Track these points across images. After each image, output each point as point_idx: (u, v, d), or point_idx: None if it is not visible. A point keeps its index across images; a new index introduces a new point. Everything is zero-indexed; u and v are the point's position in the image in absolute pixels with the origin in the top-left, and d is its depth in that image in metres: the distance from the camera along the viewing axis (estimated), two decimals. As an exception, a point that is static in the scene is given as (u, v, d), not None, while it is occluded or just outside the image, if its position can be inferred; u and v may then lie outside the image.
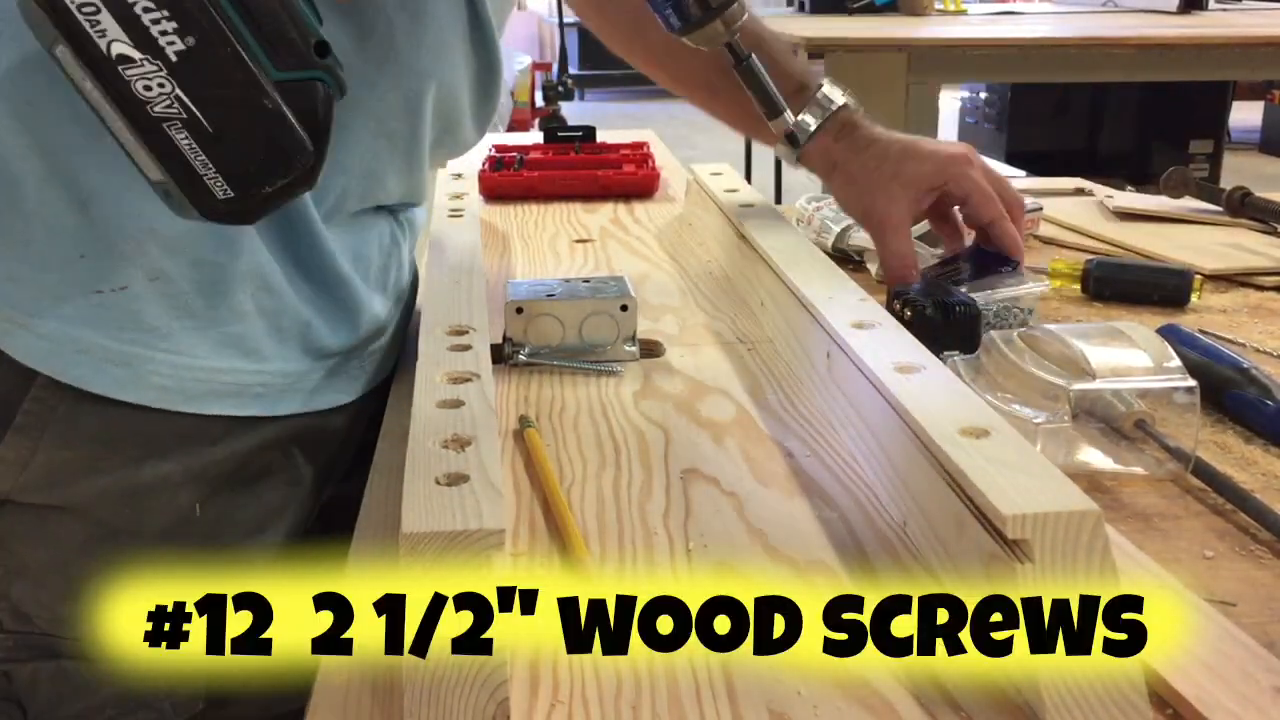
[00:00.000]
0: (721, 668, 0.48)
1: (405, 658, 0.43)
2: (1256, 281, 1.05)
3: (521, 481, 0.65)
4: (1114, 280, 1.01)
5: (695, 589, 0.54)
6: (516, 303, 0.81)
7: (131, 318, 0.65)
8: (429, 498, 0.47)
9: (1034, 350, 0.72)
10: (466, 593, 0.43)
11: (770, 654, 0.45)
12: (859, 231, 1.07)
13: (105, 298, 0.65)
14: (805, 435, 0.70)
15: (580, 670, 0.48)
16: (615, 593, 0.46)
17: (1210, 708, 0.45)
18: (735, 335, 0.88)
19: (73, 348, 0.64)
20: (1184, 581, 0.55)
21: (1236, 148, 5.50)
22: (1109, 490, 0.66)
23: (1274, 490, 0.66)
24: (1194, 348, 0.78)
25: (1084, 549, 0.45)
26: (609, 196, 1.34)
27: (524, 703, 0.46)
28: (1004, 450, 0.52)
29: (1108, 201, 1.30)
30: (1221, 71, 3.36)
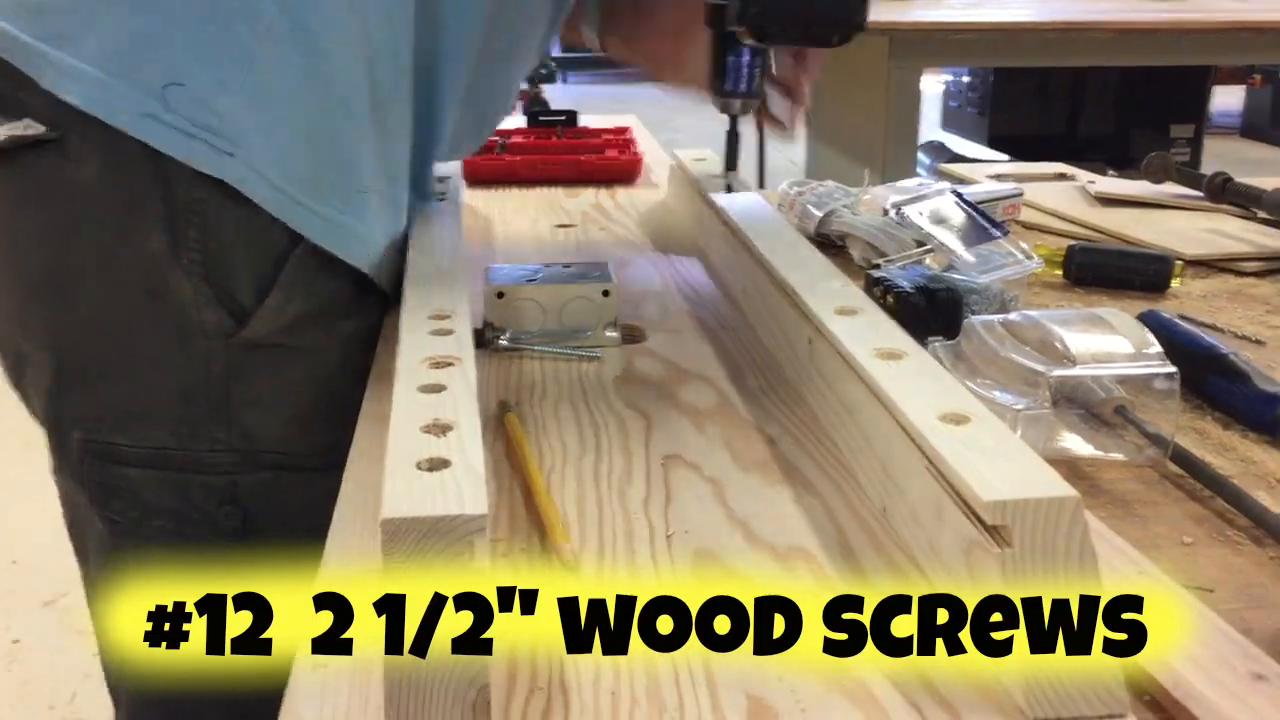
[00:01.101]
0: (701, 653, 0.48)
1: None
2: (1237, 267, 1.06)
3: (501, 467, 0.65)
4: (1095, 265, 1.01)
5: (676, 576, 0.54)
6: (497, 287, 0.81)
7: (365, 205, 0.80)
8: (410, 483, 0.47)
9: (1014, 336, 0.72)
10: (466, 593, 0.43)
11: (770, 654, 0.45)
12: (842, 216, 1.07)
13: (359, 197, 0.79)
14: (786, 421, 0.70)
15: (559, 655, 0.48)
16: (614, 593, 0.46)
17: (1187, 695, 0.46)
18: (717, 321, 0.88)
19: (337, 230, 0.78)
20: (1162, 568, 0.55)
21: (1217, 132, 5.52)
22: (1088, 476, 0.66)
23: (1252, 476, 0.66)
24: (1174, 333, 0.79)
25: (1063, 535, 0.46)
26: (591, 181, 1.34)
27: (502, 689, 0.46)
28: (984, 436, 0.52)
29: (1089, 187, 1.30)
30: (1202, 56, 3.37)
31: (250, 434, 0.80)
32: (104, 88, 0.70)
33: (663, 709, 0.45)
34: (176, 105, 0.71)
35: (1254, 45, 2.88)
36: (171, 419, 0.79)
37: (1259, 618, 0.52)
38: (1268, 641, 0.50)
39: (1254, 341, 0.87)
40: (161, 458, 0.79)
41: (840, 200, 1.11)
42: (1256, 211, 1.18)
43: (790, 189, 1.16)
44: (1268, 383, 0.73)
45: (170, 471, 0.80)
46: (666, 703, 0.45)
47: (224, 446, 0.79)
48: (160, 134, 0.71)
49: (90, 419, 0.80)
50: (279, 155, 0.74)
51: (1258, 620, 0.52)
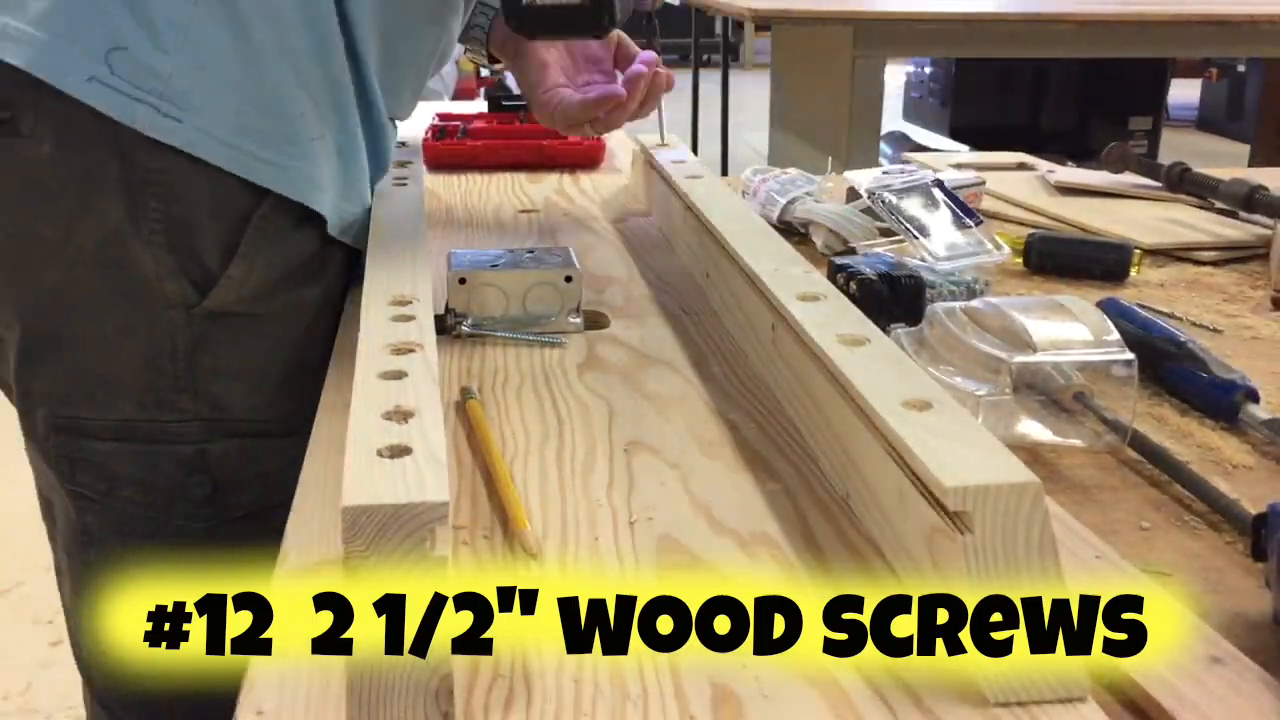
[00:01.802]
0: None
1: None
2: (1194, 256, 1.07)
3: (463, 454, 0.64)
4: (1055, 254, 1.02)
5: (640, 562, 0.54)
6: (459, 273, 0.81)
7: (318, 152, 0.80)
8: (370, 470, 0.46)
9: (976, 323, 0.72)
10: (467, 593, 0.43)
11: (771, 654, 0.45)
12: (805, 203, 1.08)
13: (312, 144, 0.79)
14: (750, 407, 0.70)
15: (521, 643, 0.48)
16: (616, 592, 0.46)
17: (1147, 678, 0.46)
18: (680, 307, 0.88)
19: (295, 176, 0.78)
20: (1121, 553, 0.55)
21: (1174, 125, 5.58)
22: (1048, 462, 0.67)
23: (1209, 463, 0.67)
24: (1133, 321, 0.79)
25: (1024, 521, 0.46)
26: (554, 167, 1.33)
27: (465, 678, 0.46)
28: (946, 423, 0.52)
29: (1049, 176, 1.31)
30: (1161, 48, 3.40)
31: (217, 403, 0.80)
32: (50, 51, 0.70)
33: (625, 696, 0.45)
34: (120, 69, 0.71)
35: (1211, 38, 2.92)
36: (137, 390, 0.79)
37: (1216, 601, 0.53)
38: (1224, 625, 0.50)
39: (1211, 330, 0.88)
40: (128, 429, 0.80)
41: (803, 188, 1.11)
42: (1213, 201, 1.19)
43: (753, 176, 1.16)
44: (1225, 370, 0.74)
45: (138, 444, 0.80)
46: (630, 690, 0.45)
47: (191, 416, 0.80)
48: (107, 98, 0.71)
49: (57, 394, 0.80)
50: (225, 113, 0.75)
51: (1215, 604, 0.53)
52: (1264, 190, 1.09)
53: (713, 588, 0.47)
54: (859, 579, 0.53)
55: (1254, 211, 1.12)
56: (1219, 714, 0.44)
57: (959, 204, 1.00)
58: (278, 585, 0.53)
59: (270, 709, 0.45)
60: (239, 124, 0.75)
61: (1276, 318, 0.92)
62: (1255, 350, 0.85)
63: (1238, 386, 0.72)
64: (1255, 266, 1.05)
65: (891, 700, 0.45)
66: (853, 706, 0.44)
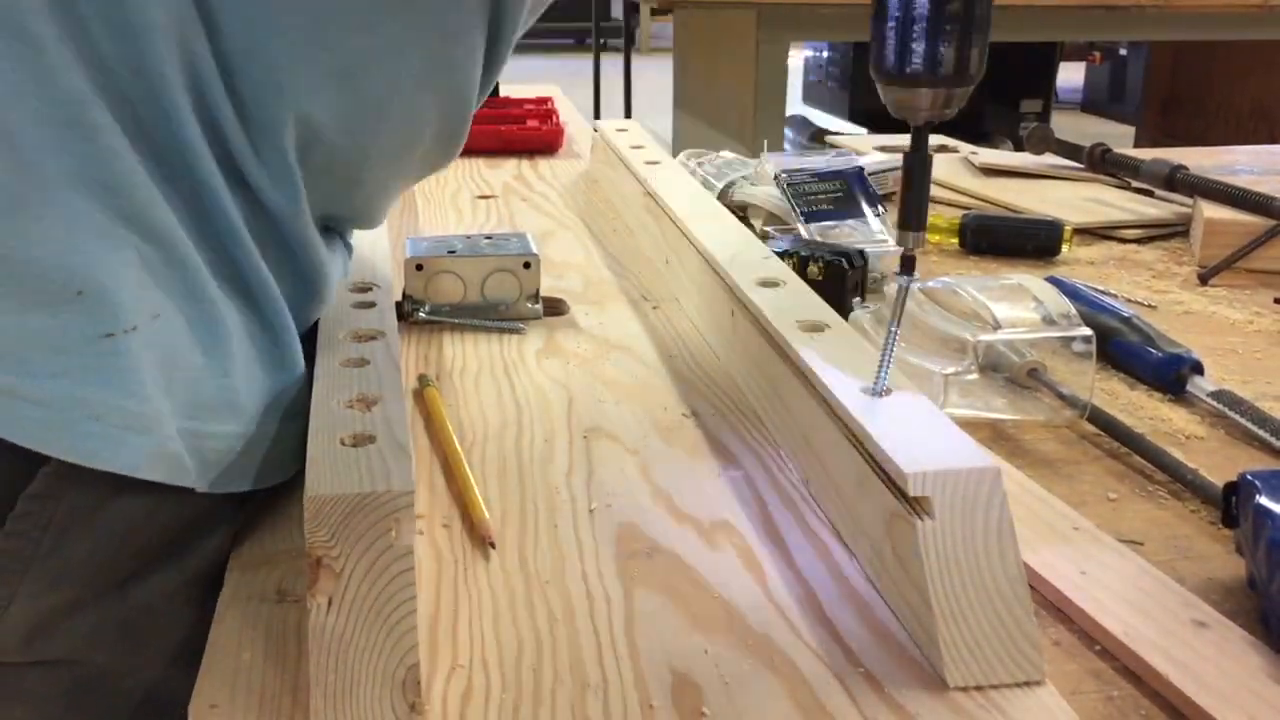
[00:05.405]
0: (624, 627, 0.48)
1: (310, 624, 0.42)
2: (1119, 234, 1.10)
3: (421, 442, 0.64)
4: (989, 233, 1.04)
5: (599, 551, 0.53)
6: (416, 259, 0.80)
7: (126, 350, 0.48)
8: (334, 459, 0.45)
9: (936, 303, 0.72)
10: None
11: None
12: (743, 187, 1.08)
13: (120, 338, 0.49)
14: (710, 394, 0.70)
15: (480, 632, 0.47)
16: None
17: (1137, 642, 0.47)
18: (640, 293, 0.87)
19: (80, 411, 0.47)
20: (1092, 523, 0.56)
21: (1062, 107, 5.65)
22: (1011, 438, 0.67)
23: (1163, 434, 0.68)
24: (1078, 299, 0.80)
25: (983, 505, 0.46)
26: (512, 152, 1.32)
27: (425, 665, 0.45)
28: (905, 409, 0.52)
29: (972, 158, 1.33)
30: (1051, 32, 3.46)
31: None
32: None
33: (585, 684, 0.44)
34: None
35: (1096, 23, 2.95)
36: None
37: (1189, 568, 0.54)
38: (1200, 590, 0.51)
39: (1147, 306, 0.90)
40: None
41: (740, 171, 1.11)
42: (1131, 181, 1.21)
43: (688, 160, 1.16)
44: (1170, 344, 0.75)
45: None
46: (590, 678, 0.45)
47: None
48: None
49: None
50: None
51: (1189, 570, 0.54)
52: (1184, 170, 1.12)
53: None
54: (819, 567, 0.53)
55: (1175, 190, 1.14)
56: (1211, 674, 0.45)
57: (869, 191, 1.01)
58: (231, 579, 0.52)
59: (224, 703, 0.44)
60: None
61: (1204, 292, 0.94)
62: (1189, 325, 0.87)
63: (1184, 360, 0.73)
64: (1177, 244, 1.08)
65: (852, 687, 0.45)
66: (813, 693, 0.44)
